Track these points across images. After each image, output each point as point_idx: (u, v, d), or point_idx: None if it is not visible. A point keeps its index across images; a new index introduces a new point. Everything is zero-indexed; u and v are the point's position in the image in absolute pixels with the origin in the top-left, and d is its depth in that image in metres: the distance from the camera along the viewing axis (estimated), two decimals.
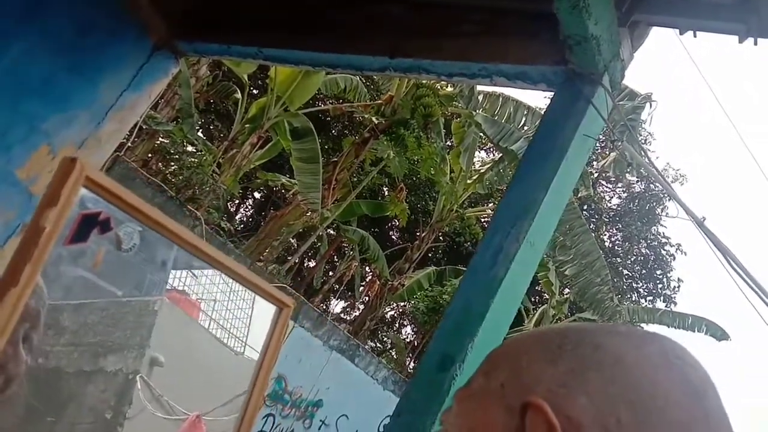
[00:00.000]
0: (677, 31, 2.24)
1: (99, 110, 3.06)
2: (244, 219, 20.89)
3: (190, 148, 9.35)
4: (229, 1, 3.15)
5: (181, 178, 7.87)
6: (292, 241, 15.42)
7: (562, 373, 0.47)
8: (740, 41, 2.12)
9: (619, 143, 2.50)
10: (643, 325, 18.20)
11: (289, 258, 14.23)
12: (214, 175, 8.60)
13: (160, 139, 9.00)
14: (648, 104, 9.48)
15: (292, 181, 11.44)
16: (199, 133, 14.57)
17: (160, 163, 9.25)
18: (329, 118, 15.21)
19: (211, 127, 15.43)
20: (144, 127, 8.55)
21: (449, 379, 1.80)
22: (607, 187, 24.49)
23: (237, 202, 19.87)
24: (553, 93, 2.32)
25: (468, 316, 1.90)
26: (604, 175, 23.80)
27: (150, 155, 9.41)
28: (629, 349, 0.48)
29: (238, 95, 10.57)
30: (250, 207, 21.04)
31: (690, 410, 0.45)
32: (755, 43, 2.12)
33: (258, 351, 2.90)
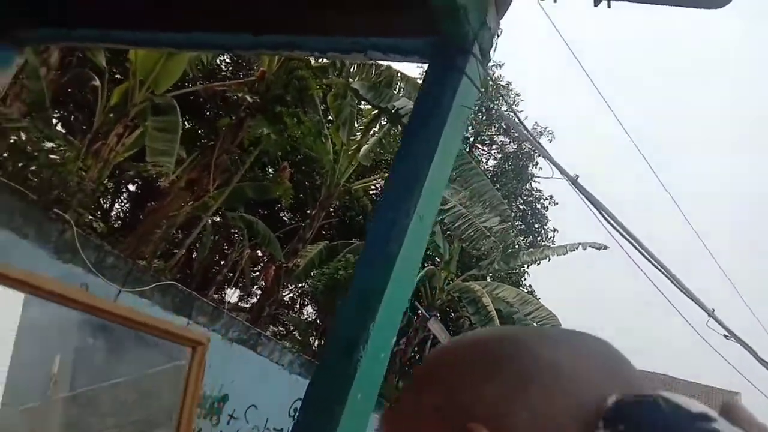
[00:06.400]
0: None
1: None
2: (121, 215, 19.58)
3: (51, 145, 8.49)
4: None
5: (46, 179, 7.13)
6: (178, 234, 14.70)
7: (502, 389, 0.44)
8: (595, 4, 2.23)
9: (493, 107, 2.57)
10: (533, 265, 19.18)
11: (175, 252, 13.56)
12: (80, 171, 7.89)
13: (13, 137, 8.12)
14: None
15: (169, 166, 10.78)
16: (59, 128, 13.34)
17: (18, 164, 8.36)
18: (202, 100, 14.49)
19: (73, 119, 14.17)
20: None
21: (354, 363, 1.79)
22: (483, 150, 25.59)
23: (110, 197, 18.57)
24: (427, 65, 2.33)
25: (367, 296, 1.89)
26: (479, 138, 24.86)
27: (6, 155, 8.49)
28: (567, 356, 0.46)
29: (97, 82, 9.72)
30: (125, 201, 19.74)
31: None
32: (609, 6, 2.24)
33: None
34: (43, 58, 8.44)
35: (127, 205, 19.68)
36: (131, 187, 18.61)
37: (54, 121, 12.00)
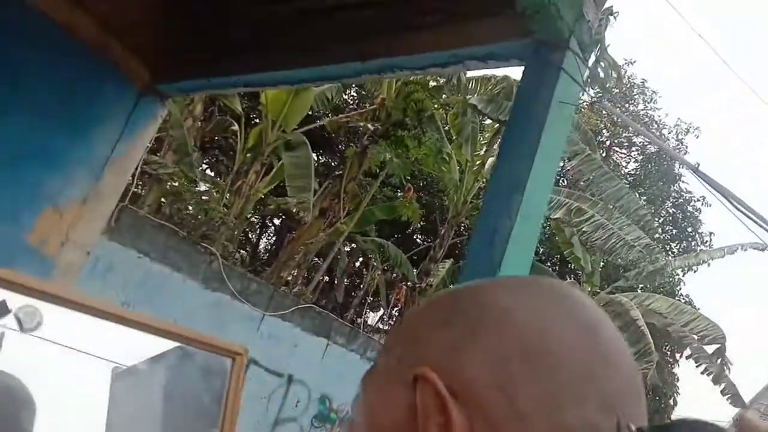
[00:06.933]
0: None
1: (96, 164, 3.13)
2: (268, 247, 21.03)
3: (203, 187, 9.49)
4: (203, 36, 3.21)
5: (194, 217, 7.98)
6: (319, 260, 15.51)
7: (452, 337, 0.45)
8: None
9: (597, 103, 2.47)
10: (690, 273, 17.38)
11: (313, 277, 14.30)
12: (224, 208, 8.70)
13: (170, 183, 9.16)
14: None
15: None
16: (208, 171, 14.78)
17: (176, 206, 9.43)
18: (333, 134, 15.29)
19: (218, 162, 15.66)
20: (153, 173, 8.70)
21: None
22: (621, 153, 24.16)
23: (258, 231, 20.04)
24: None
25: None
26: (615, 141, 23.51)
27: (164, 200, 9.60)
28: (516, 301, 0.47)
29: (236, 127, 10.70)
30: (272, 234, 21.23)
31: (585, 350, 0.44)
32: None
33: None
34: (189, 110, 9.46)
35: (273, 238, 21.13)
36: (276, 221, 19.98)
37: (204, 165, 13.32)
